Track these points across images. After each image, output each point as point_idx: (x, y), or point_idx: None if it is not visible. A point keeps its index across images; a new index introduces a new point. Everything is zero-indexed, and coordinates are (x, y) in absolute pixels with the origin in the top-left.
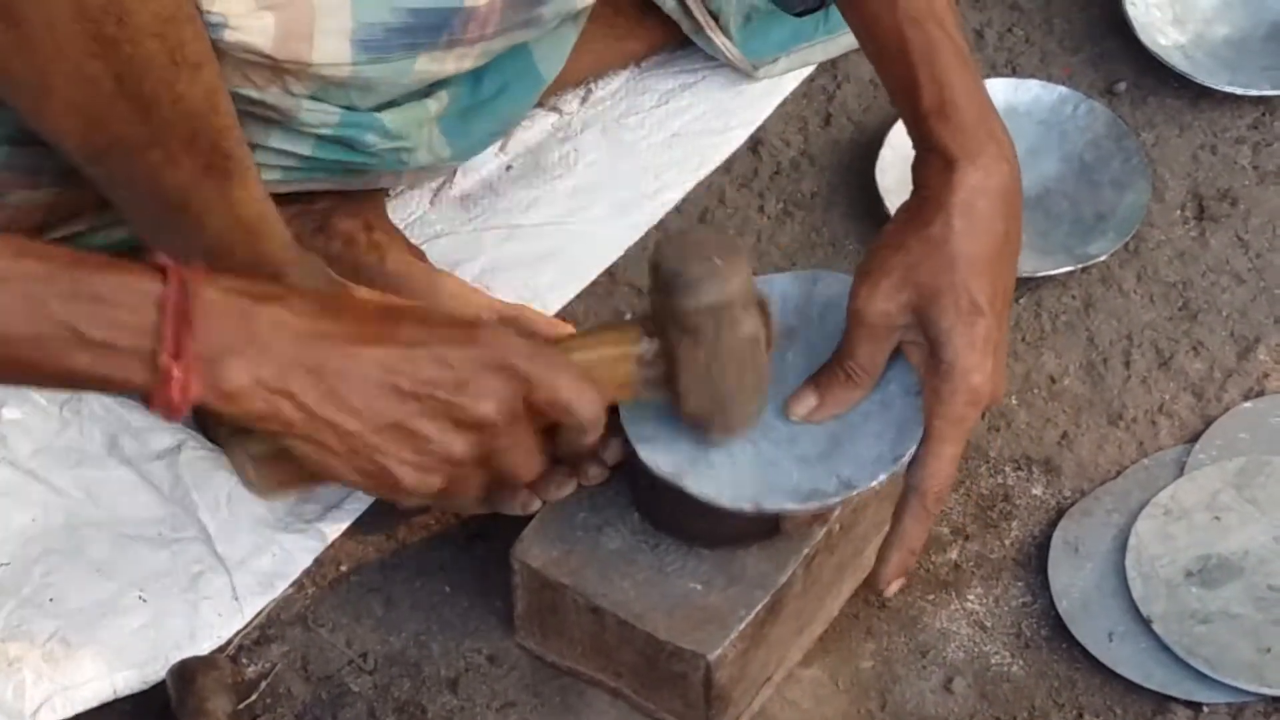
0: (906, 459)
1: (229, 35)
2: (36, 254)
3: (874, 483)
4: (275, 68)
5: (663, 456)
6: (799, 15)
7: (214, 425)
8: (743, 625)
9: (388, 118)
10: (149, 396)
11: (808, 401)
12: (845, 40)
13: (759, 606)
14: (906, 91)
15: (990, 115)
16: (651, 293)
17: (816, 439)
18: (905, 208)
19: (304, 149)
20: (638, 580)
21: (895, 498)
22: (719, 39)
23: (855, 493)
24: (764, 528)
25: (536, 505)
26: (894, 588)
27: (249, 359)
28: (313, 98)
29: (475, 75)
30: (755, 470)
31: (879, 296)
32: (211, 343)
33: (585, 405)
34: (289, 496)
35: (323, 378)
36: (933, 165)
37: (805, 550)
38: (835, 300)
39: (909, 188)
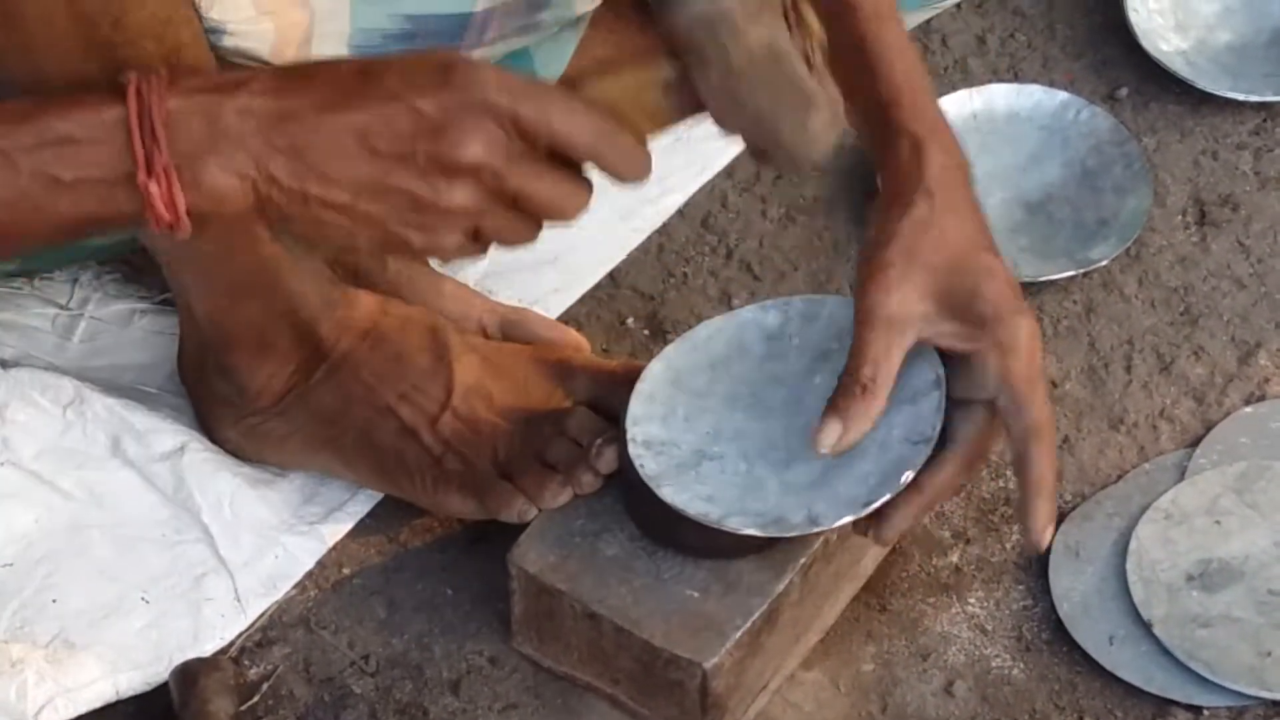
0: (874, 506)
1: (228, 41)
2: None
3: (837, 523)
4: None
5: (652, 461)
6: None
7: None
8: (739, 634)
9: None
10: (145, 222)
11: (833, 431)
12: None
13: (756, 615)
14: (866, 82)
15: (935, 102)
16: (652, 8)
17: (810, 468)
18: (880, 202)
19: None
20: (635, 587)
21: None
22: None
23: (817, 530)
24: (750, 546)
25: (533, 513)
26: (1049, 535)
27: (223, 155)
28: None
29: None
30: (738, 488)
31: (891, 288)
32: (183, 150)
33: (582, 128)
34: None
35: (298, 155)
36: (900, 150)
37: (802, 559)
38: None
39: None
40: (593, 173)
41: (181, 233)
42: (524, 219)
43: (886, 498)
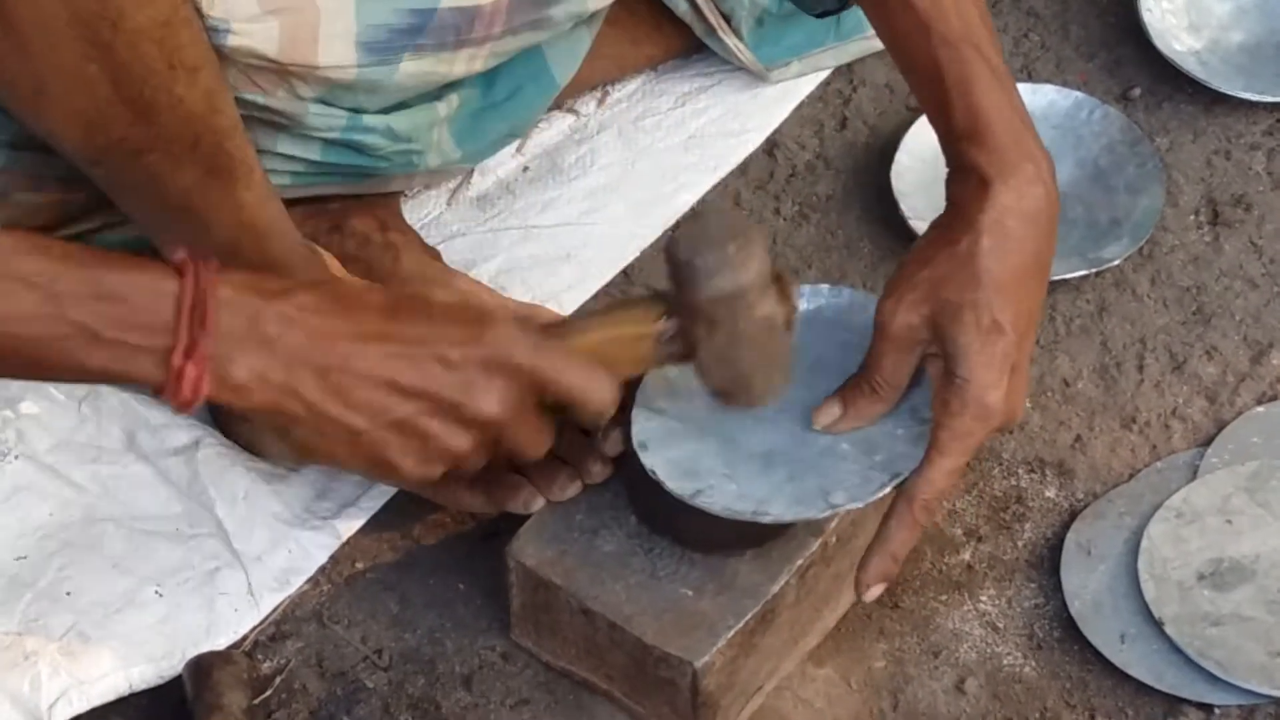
0: (835, 510)
1: (233, 40)
2: (50, 252)
3: (789, 517)
4: (281, 71)
5: (655, 449)
6: (819, 16)
7: (234, 418)
8: (731, 633)
9: (396, 120)
10: (161, 391)
11: (831, 412)
12: (857, 47)
13: (749, 615)
14: (940, 112)
15: (1026, 136)
16: (669, 280)
17: (804, 460)
18: (935, 224)
19: (312, 153)
20: (630, 584)
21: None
22: (731, 41)
23: (768, 520)
24: (750, 540)
25: (539, 504)
26: (874, 593)
27: (257, 356)
28: (320, 101)
29: (488, 78)
30: (740, 479)
31: (902, 309)
32: (222, 340)
33: (595, 395)
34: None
35: (326, 376)
36: (967, 184)
37: (799, 561)
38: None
39: (924, 191)
40: (606, 173)
41: (186, 412)
42: (487, 461)
43: (848, 507)
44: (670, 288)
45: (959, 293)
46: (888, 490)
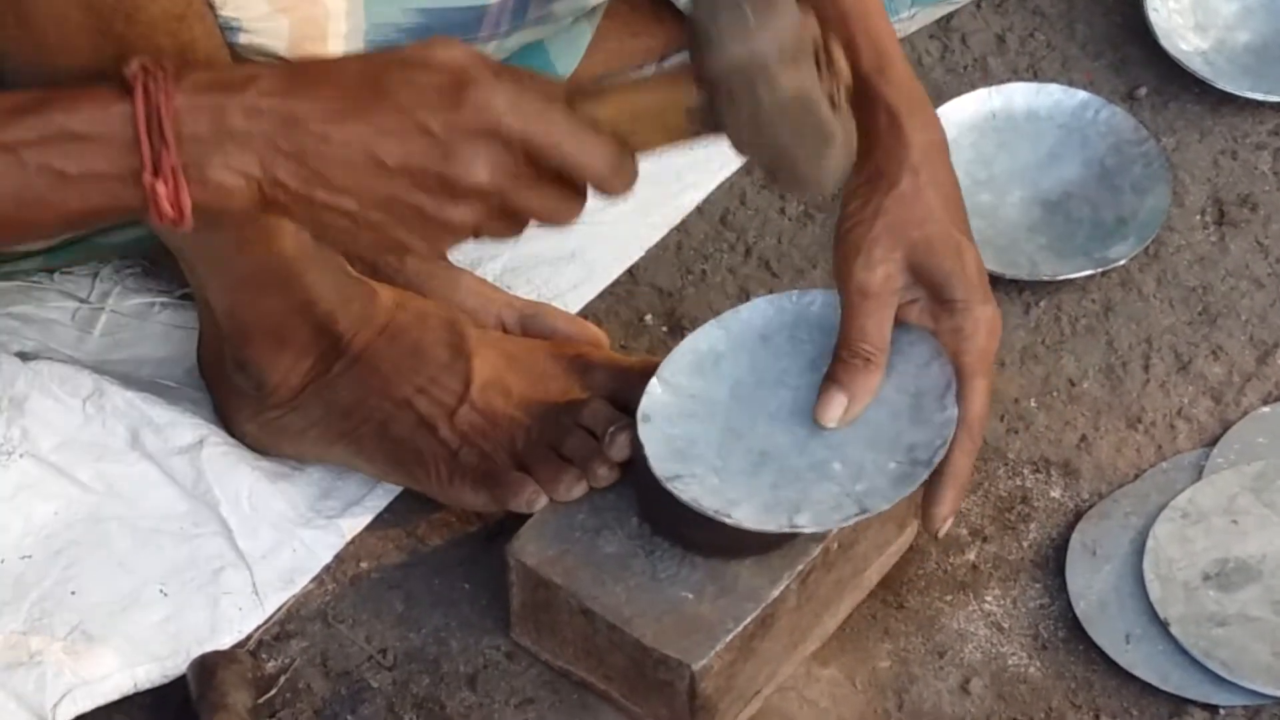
0: (796, 529)
1: (244, 39)
2: None
3: (748, 524)
4: None
5: (662, 453)
6: None
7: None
8: (730, 637)
9: None
10: (147, 215)
11: (838, 402)
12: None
13: (748, 619)
14: (847, 49)
15: (913, 74)
16: (689, 46)
17: (818, 462)
18: (861, 174)
19: None
20: (630, 585)
21: (899, 519)
22: None
23: (729, 523)
24: (756, 545)
25: (542, 502)
26: (947, 526)
27: (230, 155)
28: None
29: None
30: (746, 484)
31: (875, 263)
32: (189, 150)
33: (592, 157)
34: None
35: (304, 161)
36: (879, 121)
37: (800, 566)
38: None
39: None
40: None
41: (184, 228)
42: (519, 223)
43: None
44: (691, 58)
45: (922, 227)
46: (849, 523)
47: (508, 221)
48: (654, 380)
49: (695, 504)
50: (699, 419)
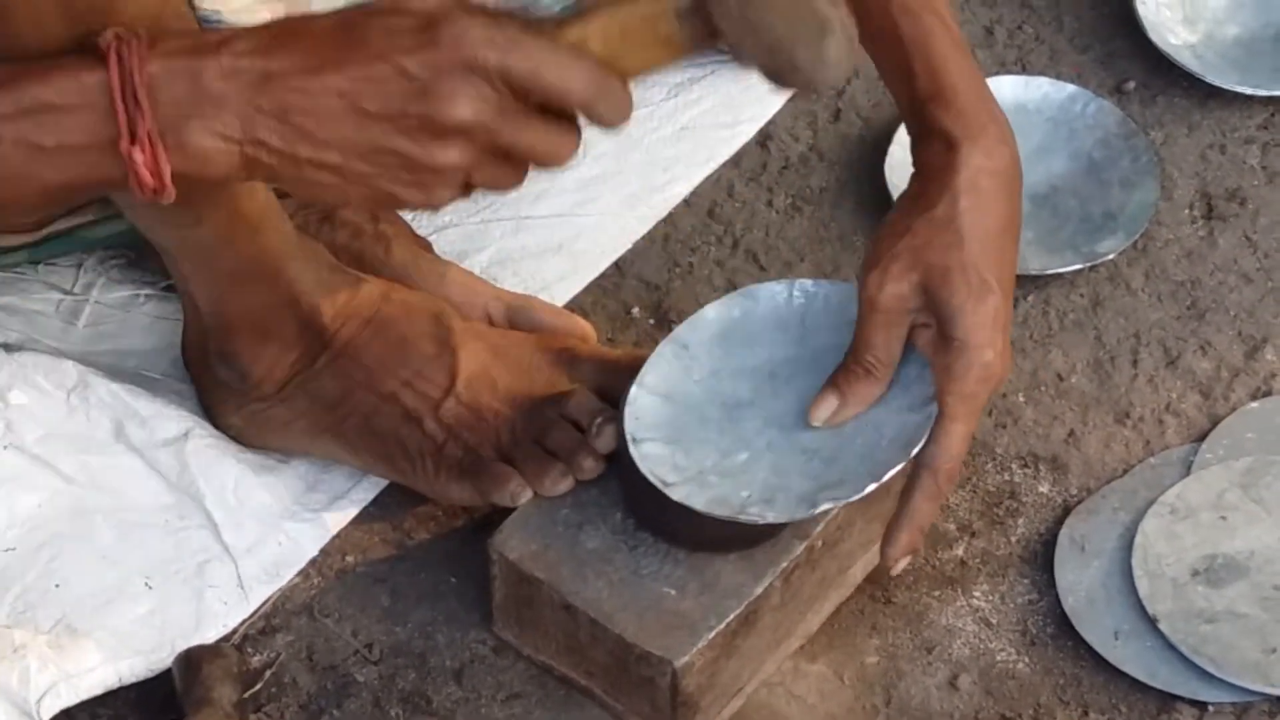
0: (749, 517)
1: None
2: None
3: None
4: None
5: (647, 444)
6: None
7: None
8: (712, 634)
9: None
10: (127, 185)
11: (829, 404)
12: None
13: (731, 616)
14: (903, 79)
15: (988, 98)
16: None
17: (800, 460)
18: (907, 194)
19: None
20: (612, 580)
21: (885, 517)
22: None
23: (676, 497)
24: (741, 539)
25: (527, 495)
26: (900, 565)
27: (208, 118)
28: None
29: None
30: (730, 475)
31: (889, 280)
32: (166, 116)
33: (575, 79)
34: None
35: (285, 118)
36: (934, 148)
37: (784, 563)
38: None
39: None
40: (598, 163)
41: (166, 197)
42: (514, 166)
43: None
44: None
45: (944, 255)
46: (802, 516)
47: (502, 164)
48: (628, 428)
49: (652, 476)
50: (686, 410)
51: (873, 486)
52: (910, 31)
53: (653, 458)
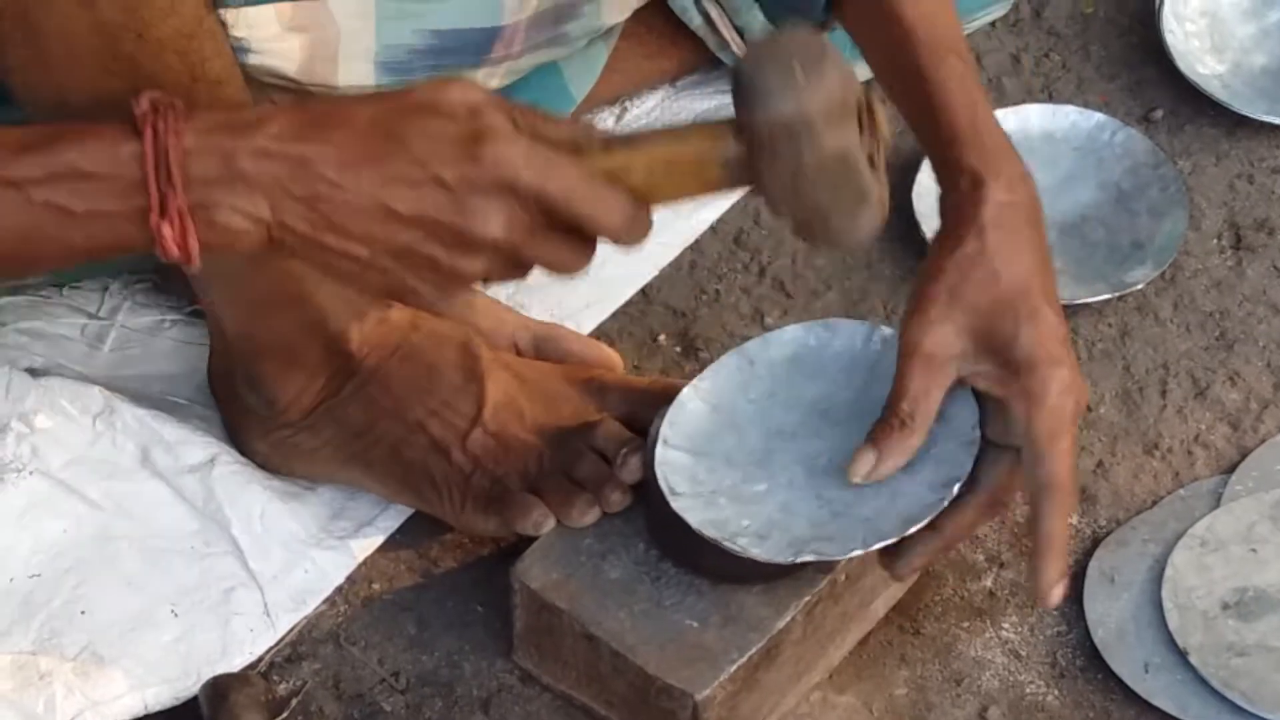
0: (737, 547)
1: (253, 59)
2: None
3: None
4: (300, 91)
5: (672, 476)
6: None
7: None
8: (734, 667)
9: None
10: (153, 253)
11: (867, 460)
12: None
13: (753, 649)
14: (927, 119)
15: (1004, 137)
16: (734, 101)
17: (832, 499)
18: (937, 237)
19: None
20: (634, 611)
21: None
22: None
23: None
24: (764, 574)
25: (550, 524)
26: (1058, 594)
27: (239, 198)
28: None
29: (505, 94)
30: (757, 511)
31: (931, 323)
32: (197, 193)
33: (607, 213)
34: None
35: (315, 207)
36: (960, 188)
37: (806, 597)
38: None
39: None
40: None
41: (191, 267)
42: (526, 269)
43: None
44: (736, 110)
45: (988, 290)
46: (783, 560)
47: (516, 269)
48: (657, 458)
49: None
50: (729, 426)
51: (858, 552)
52: (934, 72)
53: (672, 464)
